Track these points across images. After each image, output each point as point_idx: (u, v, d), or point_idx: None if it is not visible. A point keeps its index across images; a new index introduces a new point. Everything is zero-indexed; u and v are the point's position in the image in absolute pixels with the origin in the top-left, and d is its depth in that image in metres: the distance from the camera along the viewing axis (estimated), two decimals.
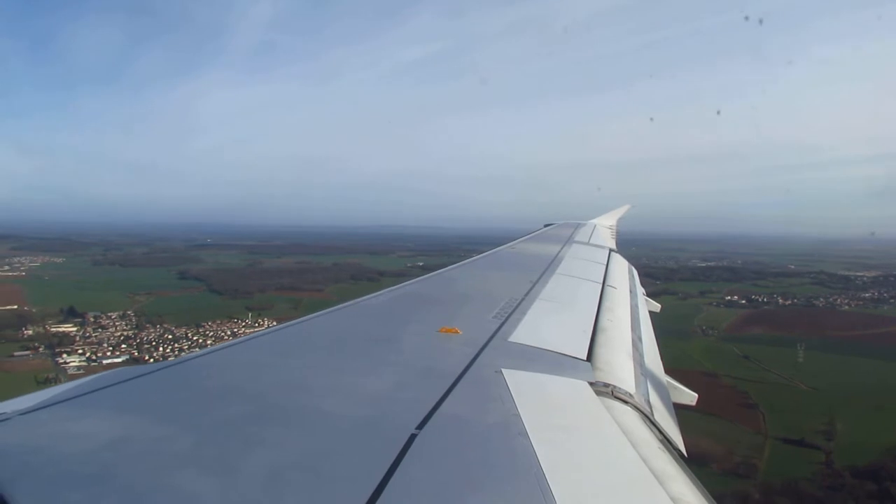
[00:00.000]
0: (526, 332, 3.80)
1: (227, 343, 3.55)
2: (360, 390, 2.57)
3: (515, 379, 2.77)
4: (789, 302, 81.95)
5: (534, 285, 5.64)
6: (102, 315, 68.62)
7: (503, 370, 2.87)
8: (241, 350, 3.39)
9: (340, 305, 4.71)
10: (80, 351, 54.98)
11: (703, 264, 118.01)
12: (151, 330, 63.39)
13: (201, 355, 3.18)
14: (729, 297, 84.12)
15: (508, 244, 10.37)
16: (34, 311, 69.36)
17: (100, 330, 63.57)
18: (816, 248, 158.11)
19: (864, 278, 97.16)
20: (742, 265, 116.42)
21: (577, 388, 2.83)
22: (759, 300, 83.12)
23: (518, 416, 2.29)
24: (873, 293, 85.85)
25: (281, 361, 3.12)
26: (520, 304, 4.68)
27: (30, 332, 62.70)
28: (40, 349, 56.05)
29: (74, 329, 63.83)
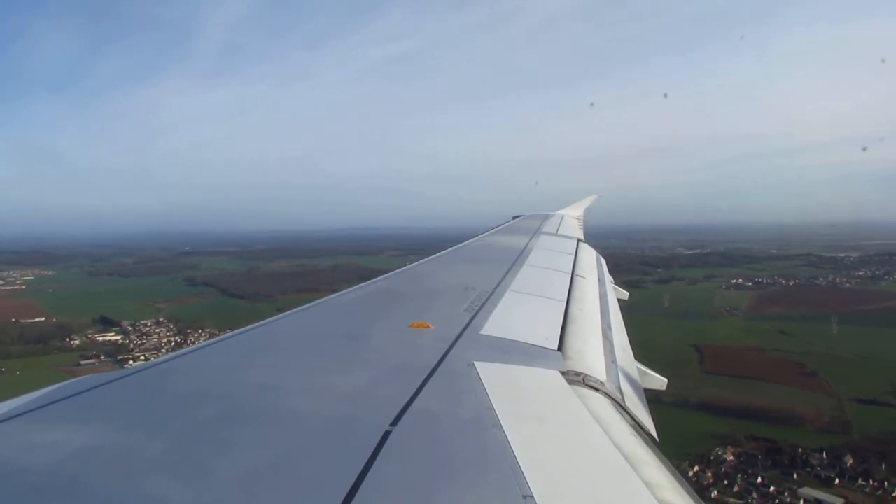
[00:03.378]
0: (497, 324, 3.82)
1: (196, 346, 3.54)
2: (332, 389, 2.58)
3: (488, 371, 2.80)
4: (793, 283, 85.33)
5: (503, 277, 5.66)
6: (138, 323, 68.09)
7: (476, 363, 2.90)
8: (211, 352, 3.36)
9: (311, 304, 4.70)
10: (142, 357, 54.73)
11: (690, 252, 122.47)
12: (197, 335, 63.28)
13: (170, 359, 3.16)
14: (734, 281, 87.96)
15: (477, 237, 10.38)
16: (67, 321, 68.17)
17: (144, 337, 63.15)
18: (784, 234, 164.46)
19: (851, 258, 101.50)
20: (727, 251, 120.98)
21: (549, 378, 2.87)
22: (764, 282, 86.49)
23: (492, 408, 2.31)
24: (866, 271, 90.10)
25: (252, 362, 3.12)
26: (490, 296, 4.70)
27: (76, 341, 62.12)
28: (101, 357, 55.59)
29: (119, 337, 63.32)
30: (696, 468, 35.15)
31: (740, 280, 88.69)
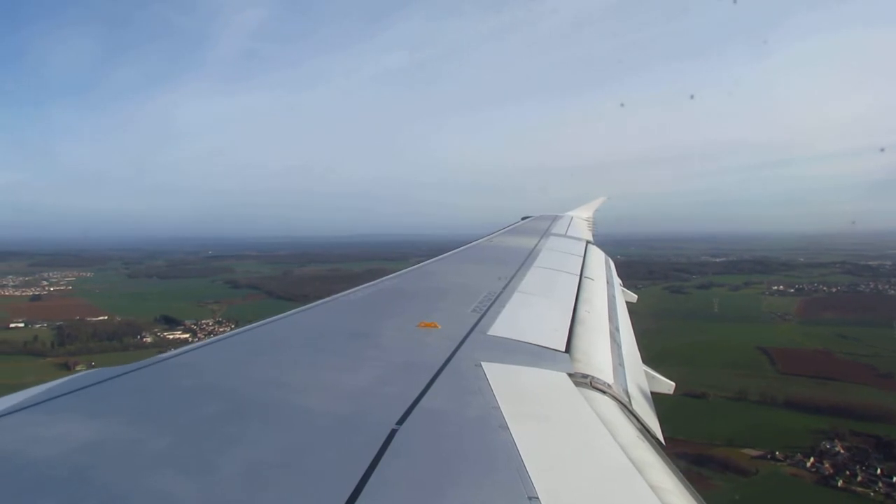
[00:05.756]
0: (505, 325, 3.84)
1: (204, 341, 3.57)
2: (340, 386, 2.60)
3: (495, 372, 2.80)
4: (835, 289, 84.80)
5: (512, 278, 5.66)
6: (200, 322, 69.19)
7: (483, 363, 2.91)
8: (219, 348, 3.39)
9: (319, 301, 4.73)
10: None
11: (718, 260, 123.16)
12: None
13: (178, 354, 3.18)
14: (776, 287, 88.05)
15: (486, 237, 10.34)
16: (132, 320, 69.35)
17: (211, 336, 64.09)
18: (801, 243, 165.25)
19: (886, 266, 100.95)
20: (758, 259, 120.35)
21: (556, 380, 2.88)
22: (806, 289, 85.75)
23: (498, 408, 2.33)
24: None
25: (260, 359, 3.15)
26: (498, 297, 4.72)
27: (148, 339, 63.04)
28: None
29: (187, 335, 64.33)
30: (812, 459, 36.34)
31: (781, 287, 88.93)
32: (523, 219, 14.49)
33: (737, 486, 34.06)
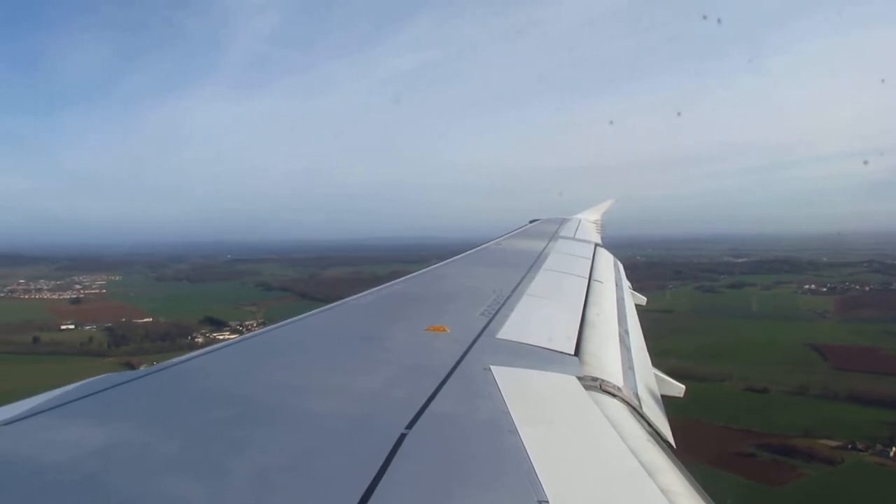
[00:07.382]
0: (514, 328, 3.83)
1: (214, 346, 3.60)
2: (348, 390, 2.61)
3: (504, 375, 2.80)
4: (868, 288, 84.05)
5: (520, 281, 5.66)
6: (244, 323, 69.80)
7: (492, 367, 2.92)
8: (229, 353, 3.43)
9: (328, 306, 4.78)
10: None
11: (740, 260, 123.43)
12: None
13: (188, 359, 3.20)
14: (807, 286, 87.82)
15: (494, 240, 10.33)
16: (178, 321, 70.09)
17: None
18: (809, 243, 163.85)
19: None
20: (785, 259, 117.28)
21: (565, 383, 2.88)
22: (838, 288, 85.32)
23: (507, 412, 2.33)
24: None
25: (269, 363, 3.17)
26: (507, 300, 4.72)
27: (199, 339, 63.62)
28: None
29: (235, 336, 64.75)
30: (894, 450, 36.88)
31: (812, 286, 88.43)
32: (531, 222, 14.37)
33: (826, 475, 34.54)
